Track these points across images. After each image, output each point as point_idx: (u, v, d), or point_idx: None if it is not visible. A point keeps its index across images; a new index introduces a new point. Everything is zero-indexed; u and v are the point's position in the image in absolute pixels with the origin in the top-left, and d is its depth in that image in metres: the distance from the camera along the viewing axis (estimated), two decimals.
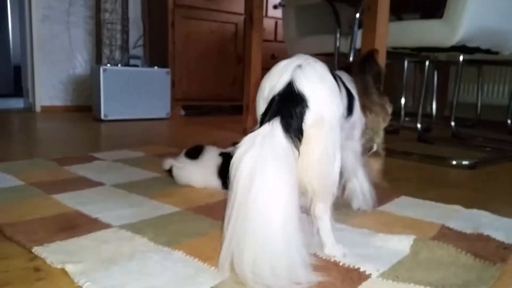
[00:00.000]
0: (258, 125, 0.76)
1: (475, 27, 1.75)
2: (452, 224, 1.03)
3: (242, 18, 3.59)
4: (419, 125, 2.52)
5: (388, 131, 2.85)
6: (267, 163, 0.67)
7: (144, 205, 1.11)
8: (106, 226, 0.94)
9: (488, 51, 2.02)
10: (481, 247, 0.90)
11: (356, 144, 1.06)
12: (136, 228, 0.93)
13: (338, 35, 2.36)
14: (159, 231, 0.91)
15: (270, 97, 0.78)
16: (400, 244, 0.89)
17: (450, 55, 2.72)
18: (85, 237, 0.88)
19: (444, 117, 3.51)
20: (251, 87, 2.48)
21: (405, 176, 1.66)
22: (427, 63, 2.52)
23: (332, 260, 0.81)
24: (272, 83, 0.79)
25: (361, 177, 1.07)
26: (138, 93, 3.04)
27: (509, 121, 3.02)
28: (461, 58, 2.60)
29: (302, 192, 0.79)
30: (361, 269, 0.77)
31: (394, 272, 0.76)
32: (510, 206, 1.28)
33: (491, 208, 1.19)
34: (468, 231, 1.00)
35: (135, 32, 3.68)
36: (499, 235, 0.96)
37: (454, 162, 1.84)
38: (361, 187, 1.07)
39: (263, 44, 3.68)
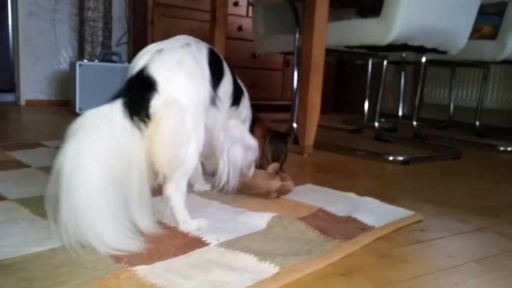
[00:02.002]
0: None
1: (411, 26, 1.80)
2: (330, 208, 1.10)
3: None
4: (376, 124, 2.56)
5: (350, 130, 2.92)
6: (92, 140, 0.75)
7: None
8: (3, 198, 1.03)
9: (435, 50, 2.07)
10: (334, 226, 0.96)
11: (234, 127, 1.13)
12: (25, 202, 1.02)
13: (297, 35, 2.42)
14: (43, 205, 1.00)
15: (127, 79, 0.86)
16: (260, 220, 0.96)
17: (417, 56, 2.77)
18: None
19: (419, 118, 3.53)
20: None
21: (336, 168, 1.73)
22: (385, 63, 2.56)
23: (187, 232, 0.88)
24: (133, 64, 0.87)
25: (233, 155, 1.12)
26: (113, 89, 3.14)
27: (477, 123, 3.04)
28: (423, 59, 2.66)
29: (155, 172, 0.86)
30: (203, 239, 0.85)
31: (233, 242, 0.84)
32: (407, 197, 1.34)
33: (388, 197, 1.26)
34: (341, 214, 1.06)
35: (120, 29, 3.79)
36: (368, 219, 1.03)
37: (390, 158, 1.90)
38: (228, 169, 1.11)
39: (244, 44, 3.79)
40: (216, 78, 0.99)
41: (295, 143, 2.03)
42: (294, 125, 2.36)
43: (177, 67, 0.87)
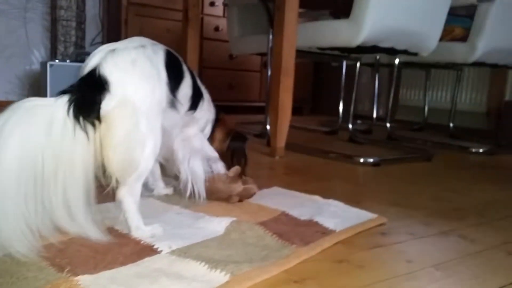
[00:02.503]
0: None
1: (381, 28, 1.80)
2: (293, 212, 1.08)
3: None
4: (350, 126, 2.56)
5: (326, 132, 2.91)
6: (22, 128, 0.72)
7: None
8: None
9: (406, 52, 2.07)
10: (294, 231, 0.94)
11: (194, 137, 1.11)
12: None
13: (271, 36, 2.40)
14: None
15: (79, 78, 0.82)
16: (219, 226, 0.93)
17: (392, 58, 2.78)
18: None
19: (395, 120, 3.56)
20: None
21: (306, 171, 1.71)
22: (358, 64, 2.56)
23: (139, 239, 0.85)
24: (85, 64, 0.84)
25: (194, 167, 1.09)
26: None
27: (451, 125, 3.07)
28: (396, 60, 2.68)
29: (107, 175, 0.83)
30: (156, 246, 0.81)
31: (186, 250, 0.81)
32: (373, 199, 1.34)
33: (353, 200, 1.24)
34: (303, 218, 1.04)
35: (94, 29, 3.72)
36: (329, 223, 1.01)
37: (361, 160, 1.89)
38: (191, 176, 1.08)
39: (222, 44, 3.75)
40: (174, 80, 0.96)
41: (268, 144, 2.01)
42: (268, 126, 2.34)
43: (131, 68, 0.84)
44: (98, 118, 0.79)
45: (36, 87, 3.57)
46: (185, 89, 1.02)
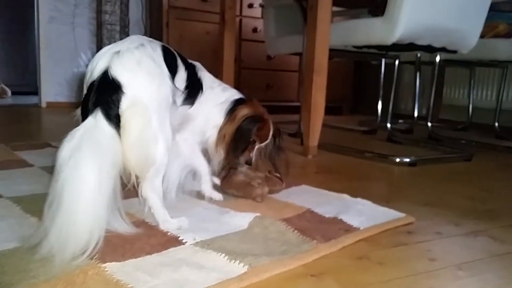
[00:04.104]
0: (80, 110, 0.85)
1: (416, 25, 1.77)
2: (318, 209, 1.09)
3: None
4: (389, 125, 2.52)
5: (363, 131, 2.88)
6: (81, 151, 0.76)
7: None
8: None
9: (444, 50, 2.02)
10: (317, 228, 0.95)
11: (188, 136, 1.11)
12: (19, 199, 1.05)
13: None
14: (35, 203, 1.02)
15: (89, 82, 0.87)
16: (242, 221, 0.96)
17: (433, 56, 2.71)
18: None
19: (439, 120, 3.46)
20: None
21: (338, 170, 1.71)
22: (396, 63, 2.52)
23: (166, 231, 0.89)
24: (92, 67, 0.88)
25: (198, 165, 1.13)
26: None
27: (496, 124, 2.95)
28: (437, 58, 2.61)
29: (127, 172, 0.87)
30: (181, 238, 0.85)
31: (209, 242, 0.84)
32: (404, 199, 1.32)
33: (383, 199, 1.23)
34: (328, 215, 1.05)
35: (138, 32, 3.85)
36: (353, 221, 1.01)
37: (397, 160, 1.86)
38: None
39: (260, 45, 3.78)
40: (171, 74, 0.98)
41: (301, 144, 2.01)
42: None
43: (137, 68, 0.87)
44: (119, 118, 0.84)
45: (82, 88, 3.75)
46: (179, 82, 1.02)
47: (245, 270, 0.72)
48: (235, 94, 1.19)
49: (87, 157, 0.77)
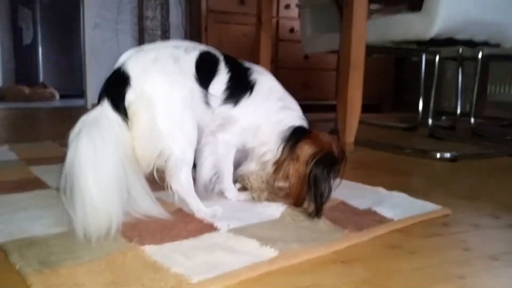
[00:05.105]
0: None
1: (455, 19, 1.73)
2: (352, 201, 1.09)
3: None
4: (430, 121, 2.47)
5: (404, 128, 2.83)
6: (80, 135, 0.82)
7: None
8: (47, 187, 1.15)
9: (486, 44, 1.96)
10: (350, 218, 0.96)
11: (229, 137, 1.05)
12: None
13: None
14: None
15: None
16: (276, 211, 0.98)
17: (476, 51, 2.63)
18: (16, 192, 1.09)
19: (483, 117, 3.34)
20: None
21: (375, 165, 1.70)
22: (437, 58, 2.46)
23: (202, 219, 0.92)
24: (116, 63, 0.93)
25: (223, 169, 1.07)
26: None
27: None
28: (479, 53, 2.53)
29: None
30: (215, 225, 0.88)
31: (241, 229, 0.87)
32: (442, 192, 1.29)
33: (419, 193, 1.22)
34: (362, 207, 1.05)
35: (178, 36, 3.96)
36: (389, 213, 1.01)
37: (438, 155, 1.82)
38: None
39: (297, 45, 3.79)
40: (206, 77, 0.98)
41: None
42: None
43: (151, 64, 0.90)
44: (125, 110, 0.87)
45: None
46: (217, 85, 1.00)
47: (275, 254, 0.75)
48: (295, 119, 1.06)
49: (83, 139, 0.81)
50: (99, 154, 0.81)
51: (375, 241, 0.86)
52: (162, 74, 0.90)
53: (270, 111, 1.06)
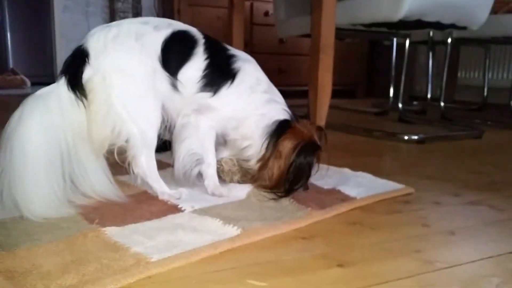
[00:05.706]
0: None
1: (422, 1, 1.75)
2: (318, 182, 1.10)
3: (249, 3, 3.68)
4: (400, 105, 2.51)
5: (375, 113, 2.86)
6: (38, 112, 0.82)
7: None
8: None
9: (453, 26, 1.99)
10: (314, 197, 0.98)
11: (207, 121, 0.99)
12: None
13: None
14: None
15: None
16: (241, 192, 0.99)
17: (446, 35, 2.67)
18: None
19: (454, 101, 3.41)
20: None
21: (343, 148, 1.72)
22: (407, 42, 2.49)
23: (166, 200, 0.92)
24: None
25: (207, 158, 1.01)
26: None
27: (511, 103, 2.90)
28: (449, 38, 2.57)
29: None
30: (180, 206, 0.88)
31: (206, 210, 0.87)
32: (406, 172, 1.32)
33: (384, 173, 1.24)
34: (326, 187, 1.07)
35: None
36: (351, 191, 1.03)
37: (405, 137, 1.86)
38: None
39: (271, 29, 3.77)
40: (175, 61, 0.94)
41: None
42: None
43: (110, 41, 0.87)
44: (83, 88, 0.86)
45: None
46: (190, 70, 0.95)
47: (238, 232, 0.75)
48: (280, 112, 1.01)
49: (23, 118, 0.81)
50: (34, 129, 0.81)
51: (337, 218, 0.88)
52: (118, 51, 0.88)
53: (256, 105, 1.00)
